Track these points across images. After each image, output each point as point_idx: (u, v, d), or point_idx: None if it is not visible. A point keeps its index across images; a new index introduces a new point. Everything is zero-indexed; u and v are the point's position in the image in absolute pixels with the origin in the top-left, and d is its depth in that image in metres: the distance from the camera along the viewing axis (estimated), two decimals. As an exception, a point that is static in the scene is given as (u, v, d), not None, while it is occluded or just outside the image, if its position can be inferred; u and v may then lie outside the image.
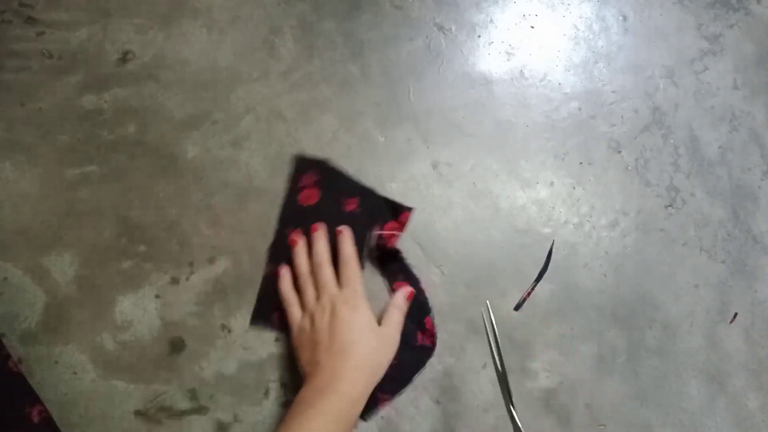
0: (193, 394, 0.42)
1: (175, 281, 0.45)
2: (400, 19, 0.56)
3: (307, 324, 0.40)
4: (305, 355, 0.39)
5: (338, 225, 0.45)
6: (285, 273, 0.44)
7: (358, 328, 0.38)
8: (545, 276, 0.49)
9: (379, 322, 0.41)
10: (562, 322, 0.48)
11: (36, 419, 0.39)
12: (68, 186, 0.46)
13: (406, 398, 0.43)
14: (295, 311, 0.42)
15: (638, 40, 0.60)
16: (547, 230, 0.51)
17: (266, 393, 0.43)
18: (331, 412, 0.35)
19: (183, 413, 0.41)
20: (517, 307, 0.48)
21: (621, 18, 0.61)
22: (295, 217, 0.47)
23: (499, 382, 0.43)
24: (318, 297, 0.41)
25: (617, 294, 0.50)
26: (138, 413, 0.41)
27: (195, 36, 0.52)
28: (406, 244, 0.48)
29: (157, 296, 0.44)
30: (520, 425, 0.41)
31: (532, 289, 0.48)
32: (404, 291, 0.44)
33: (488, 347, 0.46)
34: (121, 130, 0.48)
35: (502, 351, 0.45)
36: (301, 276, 0.43)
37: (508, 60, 0.57)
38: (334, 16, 0.55)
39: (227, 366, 0.43)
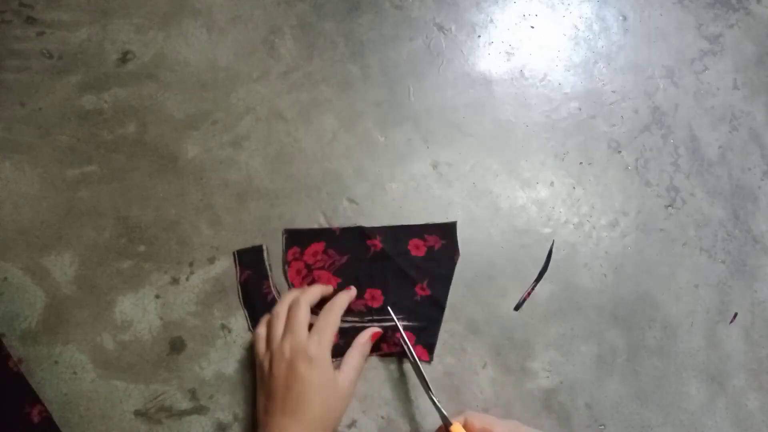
0: (193, 394, 0.42)
1: (175, 281, 0.45)
2: (400, 19, 0.56)
3: (266, 364, 0.39)
4: (261, 400, 0.39)
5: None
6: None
7: (314, 387, 0.37)
8: (545, 276, 0.49)
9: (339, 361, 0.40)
10: (562, 322, 0.48)
11: (36, 419, 0.39)
12: (68, 186, 0.46)
13: (406, 398, 0.43)
14: (260, 346, 0.40)
15: (638, 40, 0.60)
16: (547, 230, 0.51)
17: (266, 393, 0.43)
18: None
19: (183, 413, 0.41)
20: (517, 307, 0.48)
21: (621, 18, 0.61)
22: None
23: (414, 371, 0.42)
24: (283, 337, 0.39)
25: (617, 294, 0.50)
26: (138, 413, 0.41)
27: (195, 36, 0.52)
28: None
29: (157, 296, 0.44)
30: (444, 412, 0.40)
31: (532, 289, 0.48)
32: (369, 331, 0.42)
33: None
34: (121, 130, 0.48)
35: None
36: (277, 315, 0.41)
37: (508, 60, 0.57)
38: (334, 16, 0.55)
39: (227, 366, 0.43)
